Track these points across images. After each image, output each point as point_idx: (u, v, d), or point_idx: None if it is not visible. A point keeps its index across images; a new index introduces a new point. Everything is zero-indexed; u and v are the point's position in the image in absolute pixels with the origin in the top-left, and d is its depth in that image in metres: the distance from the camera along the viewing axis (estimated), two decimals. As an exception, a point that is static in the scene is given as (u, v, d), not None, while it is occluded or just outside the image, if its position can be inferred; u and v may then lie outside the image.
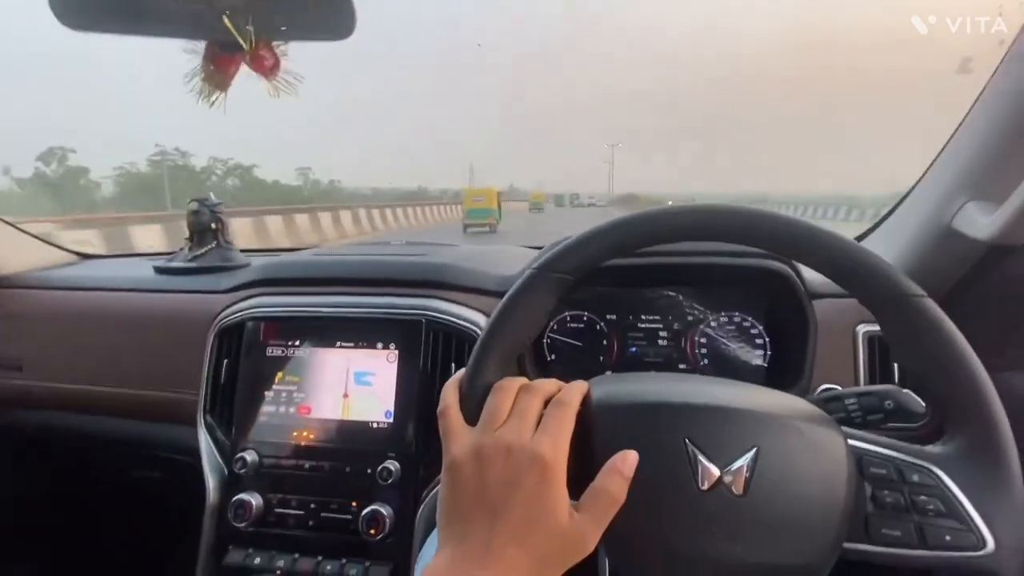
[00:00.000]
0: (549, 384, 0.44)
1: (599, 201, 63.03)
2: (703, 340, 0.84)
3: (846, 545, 0.37)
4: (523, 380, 0.44)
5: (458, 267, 0.86)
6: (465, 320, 0.78)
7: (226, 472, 0.78)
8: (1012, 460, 0.37)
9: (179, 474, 0.90)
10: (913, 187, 0.77)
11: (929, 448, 0.39)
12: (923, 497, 0.37)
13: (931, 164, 0.72)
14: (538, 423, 0.41)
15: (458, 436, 0.41)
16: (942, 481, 0.37)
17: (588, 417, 0.42)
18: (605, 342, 0.87)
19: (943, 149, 0.71)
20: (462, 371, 0.45)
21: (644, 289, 0.86)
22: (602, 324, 0.87)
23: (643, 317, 0.86)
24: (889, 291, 0.40)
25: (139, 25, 0.60)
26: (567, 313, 0.88)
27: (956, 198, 0.65)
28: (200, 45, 0.62)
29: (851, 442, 0.39)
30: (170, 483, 0.99)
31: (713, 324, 0.84)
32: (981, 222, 0.60)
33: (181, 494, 0.88)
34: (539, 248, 1.01)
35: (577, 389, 0.43)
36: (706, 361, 0.84)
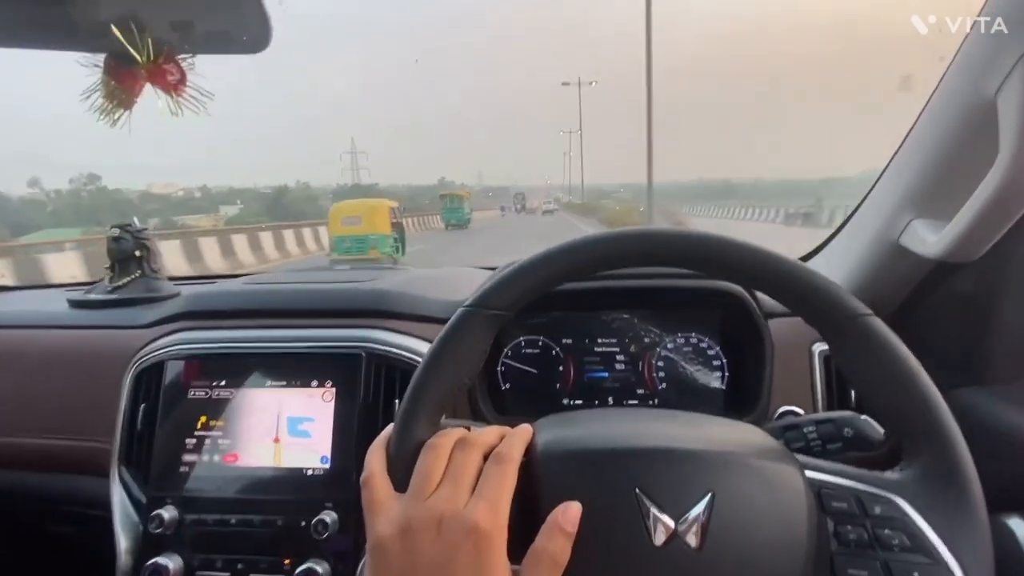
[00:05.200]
0: (489, 434, 0.40)
1: (554, 204, 49.00)
2: (660, 363, 0.82)
3: None
4: (459, 433, 0.40)
5: (401, 293, 0.81)
6: (409, 351, 0.73)
7: (141, 531, 0.69)
8: (971, 482, 0.36)
9: (96, 530, 0.80)
10: (860, 204, 0.77)
11: (888, 474, 0.38)
12: (887, 531, 0.35)
13: (876, 181, 0.72)
14: (477, 481, 0.36)
15: (384, 509, 0.36)
16: (904, 511, 0.36)
17: (532, 468, 0.38)
18: (561, 368, 0.84)
19: (887, 166, 0.71)
20: (388, 430, 0.41)
21: (600, 312, 0.84)
22: (558, 349, 0.84)
23: (599, 341, 0.84)
24: (835, 311, 0.39)
25: (22, 37, 0.54)
26: (522, 338, 0.84)
27: (902, 216, 0.65)
28: (99, 58, 0.56)
29: (809, 474, 0.37)
30: (86, 539, 0.89)
31: (670, 346, 0.82)
32: (928, 240, 0.60)
33: (99, 552, 0.78)
34: (494, 269, 0.97)
35: (520, 438, 0.39)
36: (664, 385, 0.81)
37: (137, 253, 0.97)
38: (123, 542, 0.70)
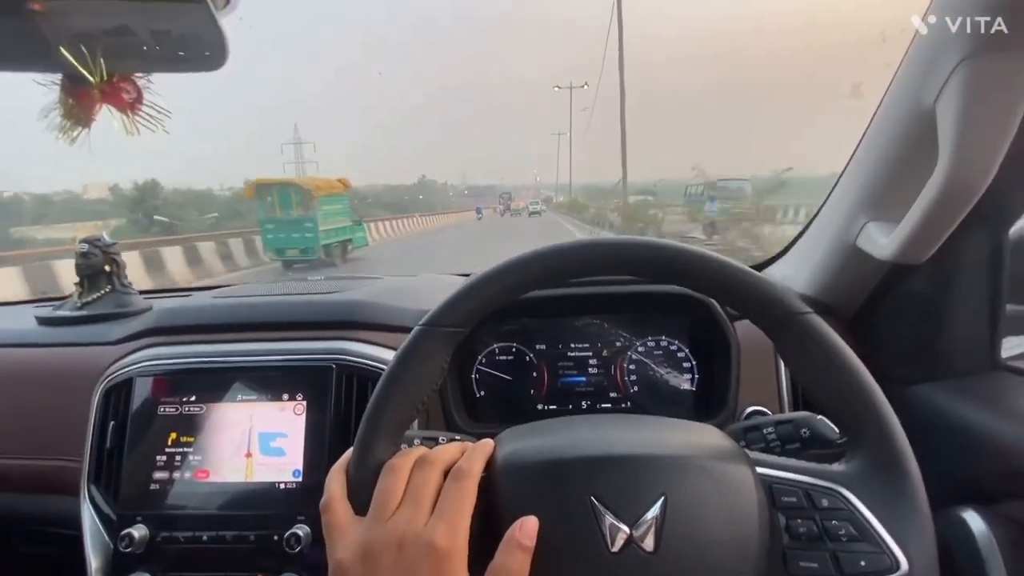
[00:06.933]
0: (449, 450, 0.40)
1: (541, 205, 46.14)
2: (632, 367, 0.83)
3: None
4: (419, 452, 0.40)
5: (373, 304, 0.81)
6: (380, 362, 0.73)
7: (112, 550, 0.68)
8: (912, 470, 0.37)
9: (67, 549, 0.79)
10: (820, 207, 0.79)
11: (835, 467, 0.39)
12: (834, 522, 0.37)
13: (834, 185, 0.74)
14: (437, 500, 0.37)
15: (344, 534, 0.37)
16: (849, 502, 0.37)
17: (492, 482, 0.39)
18: (535, 373, 0.84)
19: (845, 168, 0.72)
20: (348, 453, 0.41)
21: (572, 318, 0.85)
22: (531, 355, 0.85)
23: (572, 346, 0.84)
24: (775, 309, 0.40)
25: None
26: (495, 345, 0.85)
27: (858, 218, 0.67)
28: (55, 76, 0.56)
29: (760, 470, 0.39)
30: (56, 559, 0.88)
31: (641, 350, 0.83)
32: (881, 242, 0.62)
33: (70, 571, 0.77)
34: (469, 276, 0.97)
35: (480, 453, 0.40)
36: (636, 388, 0.83)
37: (107, 268, 0.96)
38: (94, 562, 0.69)
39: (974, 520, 0.56)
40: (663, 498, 0.36)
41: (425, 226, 27.76)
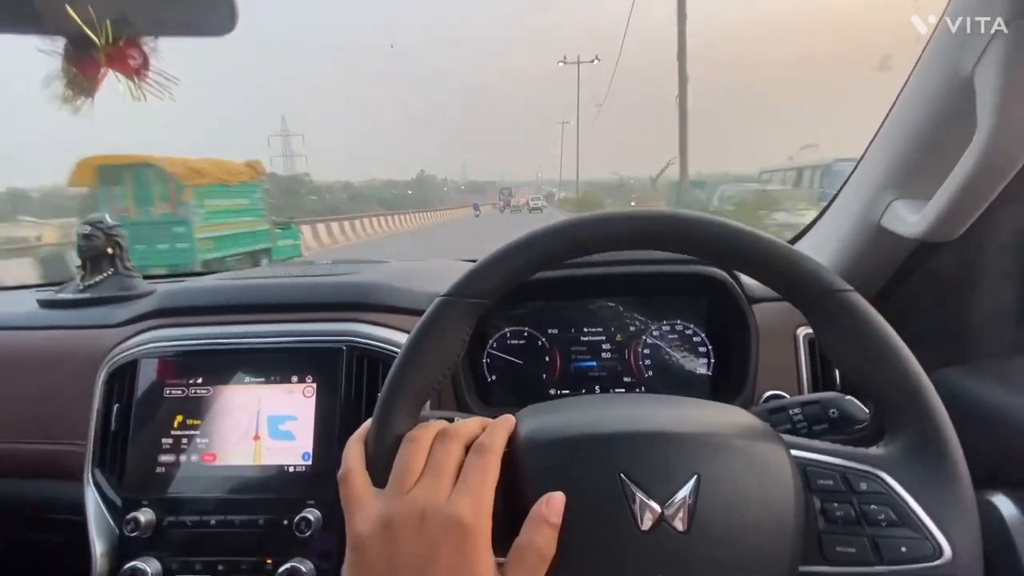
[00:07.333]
0: (470, 425, 0.39)
1: (542, 200, 45.70)
2: (647, 351, 0.81)
3: (802, 568, 0.35)
4: (440, 425, 0.39)
5: (384, 285, 0.79)
6: (391, 343, 0.71)
7: (117, 534, 0.67)
8: (956, 454, 0.36)
9: (72, 534, 0.78)
10: (842, 186, 0.77)
11: (873, 450, 0.38)
12: (873, 507, 0.35)
13: (857, 163, 0.72)
14: (459, 474, 0.35)
15: (363, 505, 0.35)
16: (889, 486, 0.36)
17: (515, 458, 0.38)
18: (547, 358, 0.83)
19: (868, 148, 0.71)
20: (367, 424, 0.40)
21: (585, 301, 0.83)
22: (543, 339, 0.83)
23: (585, 330, 0.83)
24: (815, 287, 0.38)
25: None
26: (507, 329, 0.84)
27: (883, 197, 0.65)
28: (59, 44, 0.54)
29: (795, 452, 0.37)
30: (61, 545, 0.86)
31: (655, 333, 0.82)
32: (908, 220, 0.60)
33: (75, 557, 0.76)
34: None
35: (501, 428, 0.39)
36: (650, 373, 0.81)
37: (109, 250, 0.94)
38: (99, 546, 0.67)
39: (1005, 504, 0.55)
40: (696, 477, 0.35)
41: (408, 225, 24.55)
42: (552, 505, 0.34)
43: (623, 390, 0.81)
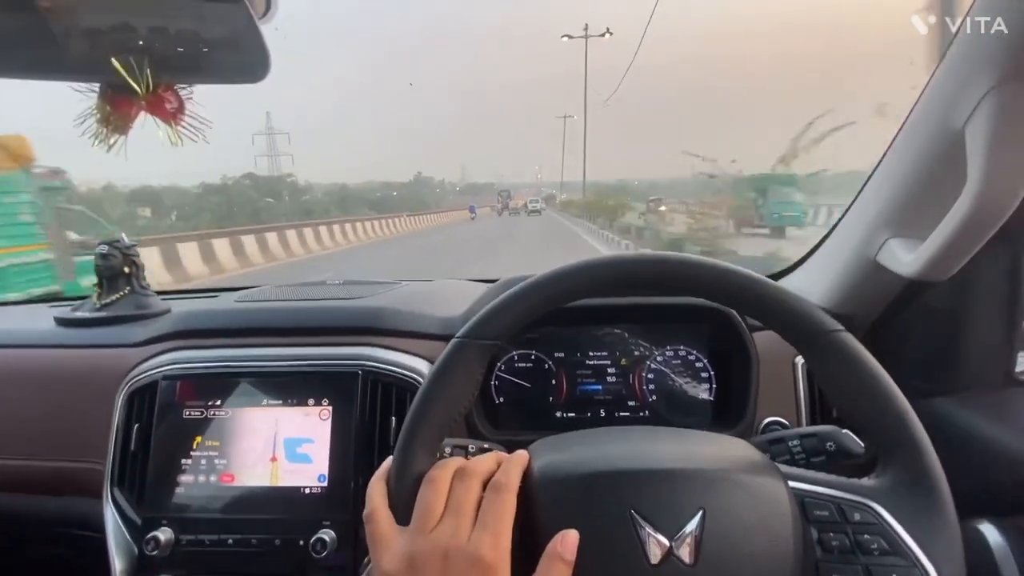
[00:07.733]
0: (486, 462, 0.41)
1: (541, 203, 44.56)
2: (650, 376, 0.84)
3: None
4: (457, 463, 0.41)
5: (397, 310, 0.81)
6: (406, 368, 0.74)
7: (137, 553, 0.69)
8: (940, 486, 0.38)
9: (90, 552, 0.80)
10: (838, 222, 0.80)
11: (865, 481, 0.40)
12: (866, 536, 0.37)
13: (854, 200, 0.75)
14: (477, 511, 0.38)
15: (388, 544, 0.38)
16: (881, 517, 0.38)
17: (530, 493, 0.40)
18: (554, 381, 0.85)
19: (864, 186, 0.74)
20: (388, 463, 0.42)
21: (591, 327, 0.86)
22: (550, 363, 0.85)
23: (591, 354, 0.85)
24: (807, 328, 0.41)
25: (20, 69, 0.54)
26: (514, 352, 0.86)
27: (879, 234, 0.68)
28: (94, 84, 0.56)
29: (793, 484, 0.39)
30: (79, 562, 0.88)
31: (659, 359, 0.84)
32: (903, 259, 0.63)
33: (93, 574, 0.77)
34: (490, 282, 0.98)
35: (516, 464, 0.41)
36: (654, 397, 0.83)
37: (126, 269, 0.96)
38: (118, 564, 0.69)
39: (991, 532, 0.58)
40: (701, 512, 0.37)
41: (394, 231, 21.02)
42: (567, 543, 0.36)
43: (627, 414, 0.83)
